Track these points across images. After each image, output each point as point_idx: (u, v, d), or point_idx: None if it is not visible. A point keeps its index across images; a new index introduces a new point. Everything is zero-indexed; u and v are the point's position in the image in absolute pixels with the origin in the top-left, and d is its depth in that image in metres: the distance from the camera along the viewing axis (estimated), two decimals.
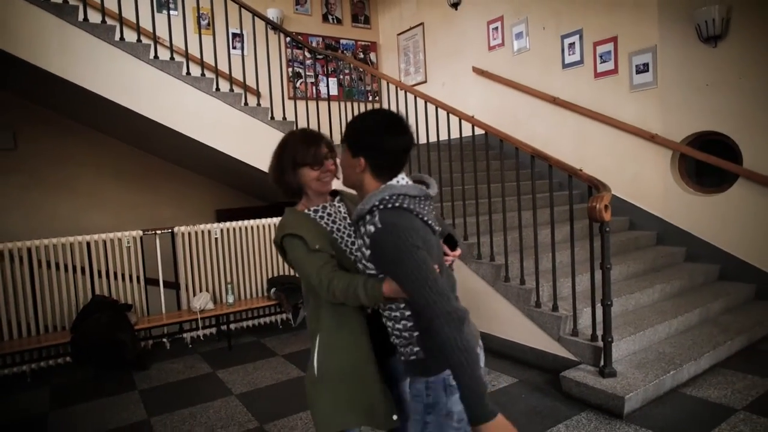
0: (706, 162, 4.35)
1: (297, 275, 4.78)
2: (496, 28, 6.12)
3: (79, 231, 4.31)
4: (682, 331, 3.49)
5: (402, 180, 1.45)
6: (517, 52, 5.90)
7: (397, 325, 1.45)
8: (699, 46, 4.32)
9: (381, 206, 1.38)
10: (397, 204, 1.38)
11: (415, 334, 1.41)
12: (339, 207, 1.74)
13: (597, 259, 2.95)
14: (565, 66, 5.40)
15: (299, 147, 1.66)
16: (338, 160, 1.68)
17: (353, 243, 1.66)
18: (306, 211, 1.69)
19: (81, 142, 5.77)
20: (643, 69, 4.73)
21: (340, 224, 1.69)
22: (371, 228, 1.36)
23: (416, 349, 1.41)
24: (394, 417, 1.60)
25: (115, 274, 4.19)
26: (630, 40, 4.81)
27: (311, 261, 1.56)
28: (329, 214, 1.70)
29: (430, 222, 1.41)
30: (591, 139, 5.17)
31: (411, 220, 1.37)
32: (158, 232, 4.35)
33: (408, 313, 1.42)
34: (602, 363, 2.91)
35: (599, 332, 2.98)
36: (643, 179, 4.82)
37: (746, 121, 4.12)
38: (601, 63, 5.06)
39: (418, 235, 1.35)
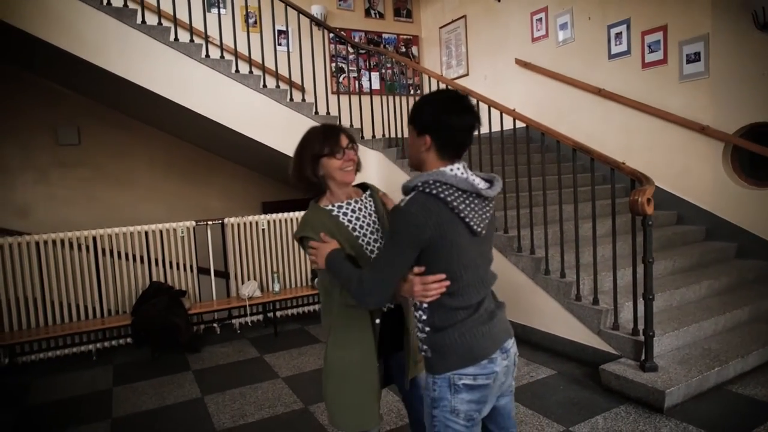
0: (762, 154, 4.19)
1: None
2: (540, 19, 6.03)
3: (138, 221, 4.59)
4: (729, 329, 3.41)
5: (457, 170, 1.43)
6: (561, 43, 5.81)
7: (417, 324, 1.51)
8: (755, 33, 4.15)
9: (422, 187, 1.40)
10: (434, 192, 1.38)
11: (425, 335, 1.47)
12: (367, 203, 1.76)
13: (639, 254, 2.92)
14: (611, 56, 5.28)
15: (318, 140, 1.68)
16: (361, 152, 1.74)
17: (376, 241, 1.70)
18: (329, 206, 1.70)
19: (138, 138, 6.12)
20: (694, 58, 4.58)
21: (363, 221, 1.71)
22: (401, 203, 1.42)
23: (425, 347, 1.47)
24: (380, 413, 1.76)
25: (171, 262, 4.46)
26: (680, 29, 4.66)
27: None
28: (353, 211, 1.71)
29: (467, 220, 1.40)
30: (637, 132, 5.05)
31: (436, 213, 1.37)
32: (209, 222, 4.58)
33: (425, 316, 1.46)
34: (643, 357, 2.90)
35: (641, 326, 2.96)
36: (692, 172, 4.68)
37: None
38: (649, 53, 4.93)
39: (419, 236, 1.37)
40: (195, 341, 4.15)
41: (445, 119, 1.42)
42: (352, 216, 1.71)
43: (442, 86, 4.69)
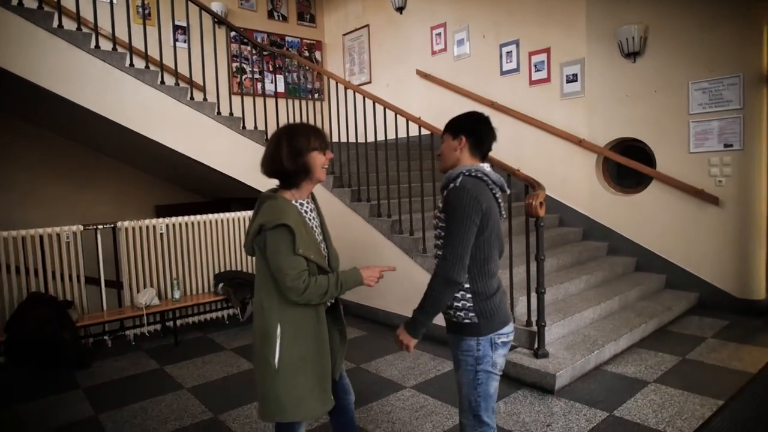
0: (626, 165, 4.83)
1: (242, 270, 4.75)
2: (439, 34, 6.39)
3: (12, 227, 4.09)
4: (604, 317, 3.88)
5: (489, 167, 1.78)
6: (458, 57, 6.20)
7: (456, 295, 1.73)
8: (621, 60, 4.78)
9: (466, 173, 1.72)
10: (478, 175, 1.72)
11: (471, 303, 1.71)
12: (312, 205, 1.89)
13: (533, 252, 3.23)
14: (503, 73, 5.76)
15: (312, 133, 1.78)
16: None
17: (322, 242, 1.86)
18: (293, 202, 1.77)
19: (14, 136, 5.47)
20: (572, 79, 5.15)
21: (315, 222, 1.85)
22: (452, 185, 1.71)
23: (471, 314, 1.72)
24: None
25: (53, 271, 4.03)
26: (561, 52, 5.22)
27: (294, 262, 1.66)
28: (311, 210, 1.84)
29: (500, 201, 1.78)
30: (526, 142, 5.54)
31: (483, 190, 1.69)
32: (100, 227, 4.22)
33: (467, 285, 1.71)
34: (536, 345, 3.20)
35: (534, 318, 3.27)
36: (571, 180, 5.25)
37: (659, 129, 4.61)
38: (535, 72, 5.45)
39: (479, 206, 1.65)
40: (84, 356, 3.80)
41: (477, 126, 1.81)
42: (310, 215, 1.82)
43: (350, 93, 4.78)
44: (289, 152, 1.73)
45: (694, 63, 4.38)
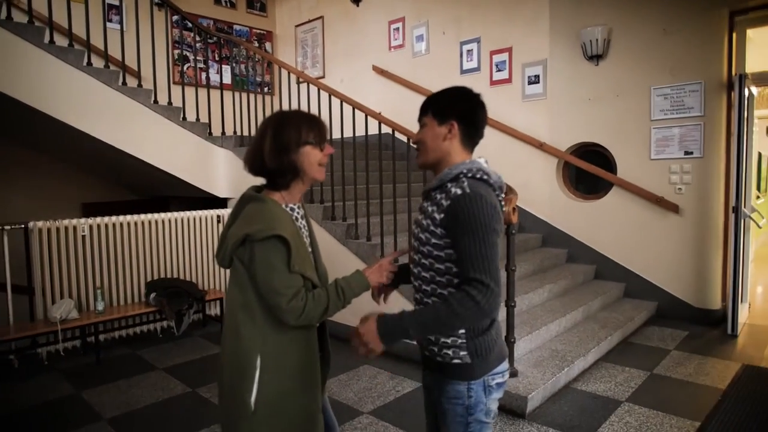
0: (587, 170, 4.72)
1: (178, 278, 4.29)
2: (398, 29, 6.11)
3: None
4: (569, 329, 3.71)
5: (484, 162, 1.41)
6: (417, 54, 5.95)
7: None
8: (584, 62, 4.66)
9: (469, 175, 1.35)
10: (484, 177, 1.35)
11: (463, 339, 1.36)
12: (303, 211, 1.57)
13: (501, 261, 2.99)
14: (463, 72, 5.55)
15: (305, 123, 1.45)
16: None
17: (312, 253, 1.52)
18: (284, 206, 1.45)
19: None
20: (534, 80, 5.00)
21: (305, 230, 1.54)
22: (457, 191, 1.30)
23: (462, 353, 1.36)
24: None
25: None
26: (523, 52, 5.06)
27: (290, 281, 1.34)
28: (302, 217, 1.53)
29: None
30: (486, 145, 5.22)
31: (493, 196, 1.34)
32: (6, 227, 3.64)
33: None
34: None
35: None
36: (532, 185, 5.09)
37: (621, 135, 4.53)
38: (496, 72, 5.27)
39: (497, 215, 1.30)
40: None
41: (472, 108, 1.42)
42: (301, 222, 1.50)
43: (303, 85, 4.41)
44: (274, 147, 1.41)
45: (657, 68, 4.31)
